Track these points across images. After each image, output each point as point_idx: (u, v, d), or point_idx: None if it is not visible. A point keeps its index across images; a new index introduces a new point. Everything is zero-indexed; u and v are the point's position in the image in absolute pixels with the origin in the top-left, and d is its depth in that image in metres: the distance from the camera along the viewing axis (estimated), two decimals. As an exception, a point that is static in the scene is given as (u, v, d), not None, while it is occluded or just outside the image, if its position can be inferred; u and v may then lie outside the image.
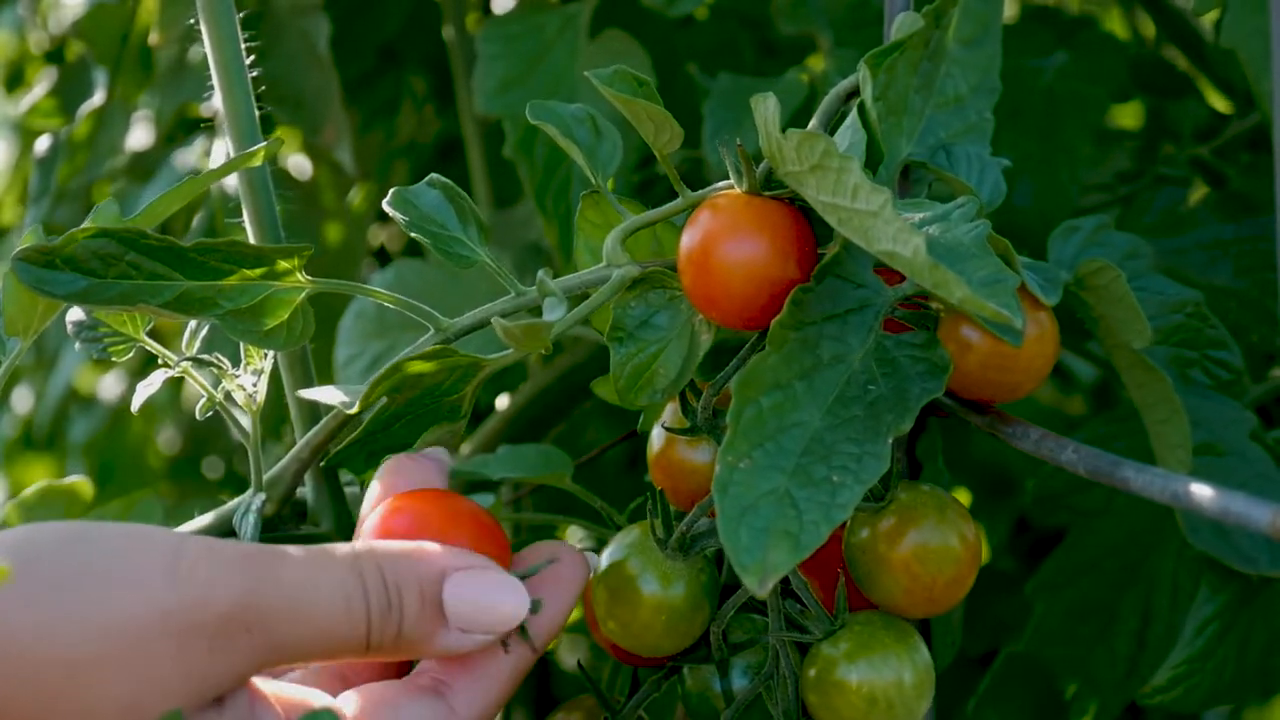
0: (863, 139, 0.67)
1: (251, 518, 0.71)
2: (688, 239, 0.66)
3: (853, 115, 0.68)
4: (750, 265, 0.64)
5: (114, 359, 0.73)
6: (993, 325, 0.64)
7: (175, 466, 1.65)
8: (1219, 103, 1.19)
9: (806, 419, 0.61)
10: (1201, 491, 0.57)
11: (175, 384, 1.63)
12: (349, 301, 1.11)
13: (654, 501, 0.68)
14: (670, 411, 0.72)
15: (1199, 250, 0.98)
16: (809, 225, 0.66)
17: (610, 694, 0.74)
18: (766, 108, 0.63)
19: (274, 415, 1.19)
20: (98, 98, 1.29)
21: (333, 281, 0.71)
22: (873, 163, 0.69)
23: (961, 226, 0.62)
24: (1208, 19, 1.14)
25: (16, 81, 1.55)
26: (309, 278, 0.69)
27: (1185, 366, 0.75)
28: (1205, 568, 0.84)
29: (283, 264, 0.68)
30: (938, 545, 0.66)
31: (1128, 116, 1.39)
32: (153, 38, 1.19)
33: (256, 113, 0.76)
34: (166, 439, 1.67)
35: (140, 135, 1.34)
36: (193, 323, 0.73)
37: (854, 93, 0.70)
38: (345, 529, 0.77)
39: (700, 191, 0.69)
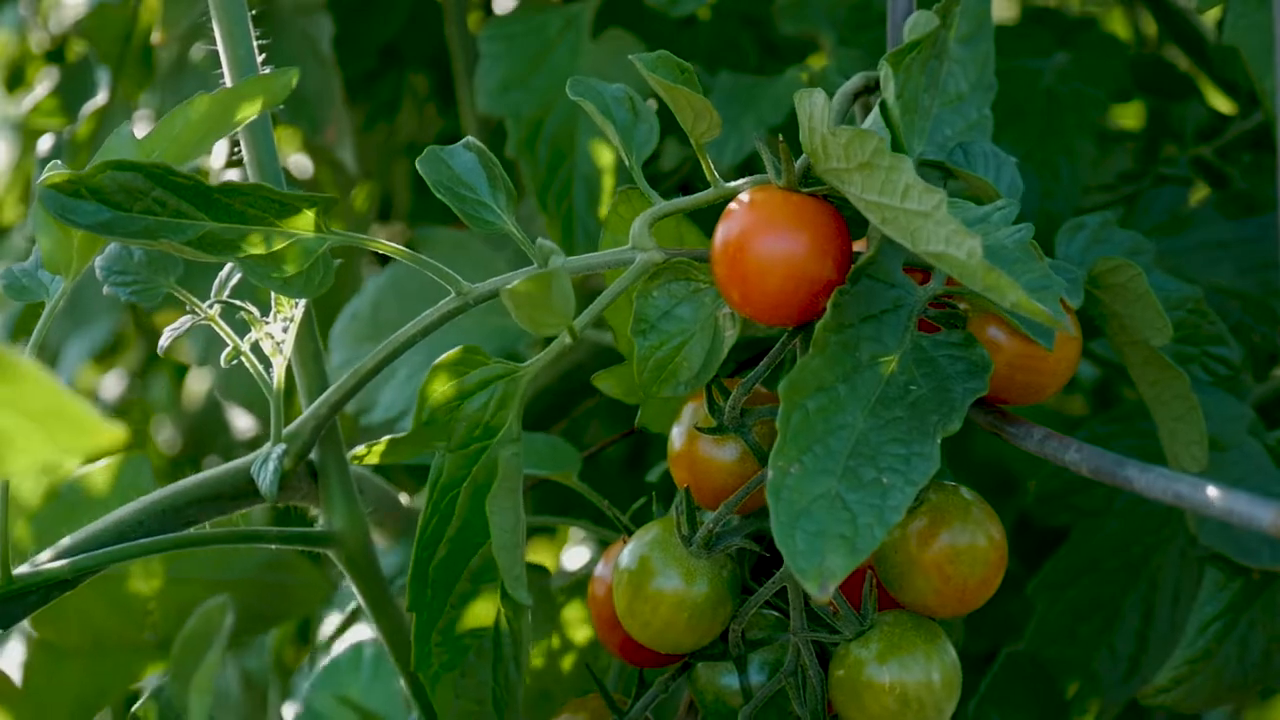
0: (886, 138, 0.67)
1: (271, 465, 0.71)
2: (724, 232, 0.65)
3: (874, 114, 0.67)
4: (789, 262, 0.64)
5: (141, 304, 0.73)
6: (1030, 329, 0.65)
7: (175, 466, 1.65)
8: (1221, 103, 1.19)
9: (851, 421, 0.61)
10: (1205, 491, 0.57)
11: (175, 383, 1.64)
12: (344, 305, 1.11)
13: (680, 499, 0.68)
14: (691, 410, 0.72)
15: (1201, 250, 0.98)
16: (845, 222, 0.66)
17: (614, 694, 0.74)
18: (813, 104, 0.62)
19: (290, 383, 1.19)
20: (101, 97, 1.29)
21: (355, 235, 0.70)
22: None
23: (1003, 230, 0.62)
24: (1210, 18, 1.14)
25: (17, 81, 1.54)
26: (332, 229, 0.69)
27: (1185, 362, 0.76)
28: (1207, 567, 0.84)
29: (307, 213, 0.68)
30: (970, 546, 0.66)
31: (1129, 117, 1.39)
32: (155, 37, 1.19)
33: (273, 137, 0.76)
34: (166, 439, 1.67)
35: (141, 134, 1.34)
36: (223, 272, 0.73)
37: (860, 92, 0.70)
38: (349, 506, 0.77)
39: (735, 183, 0.69)
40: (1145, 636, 0.93)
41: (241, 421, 1.46)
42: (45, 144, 1.30)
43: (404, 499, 1.00)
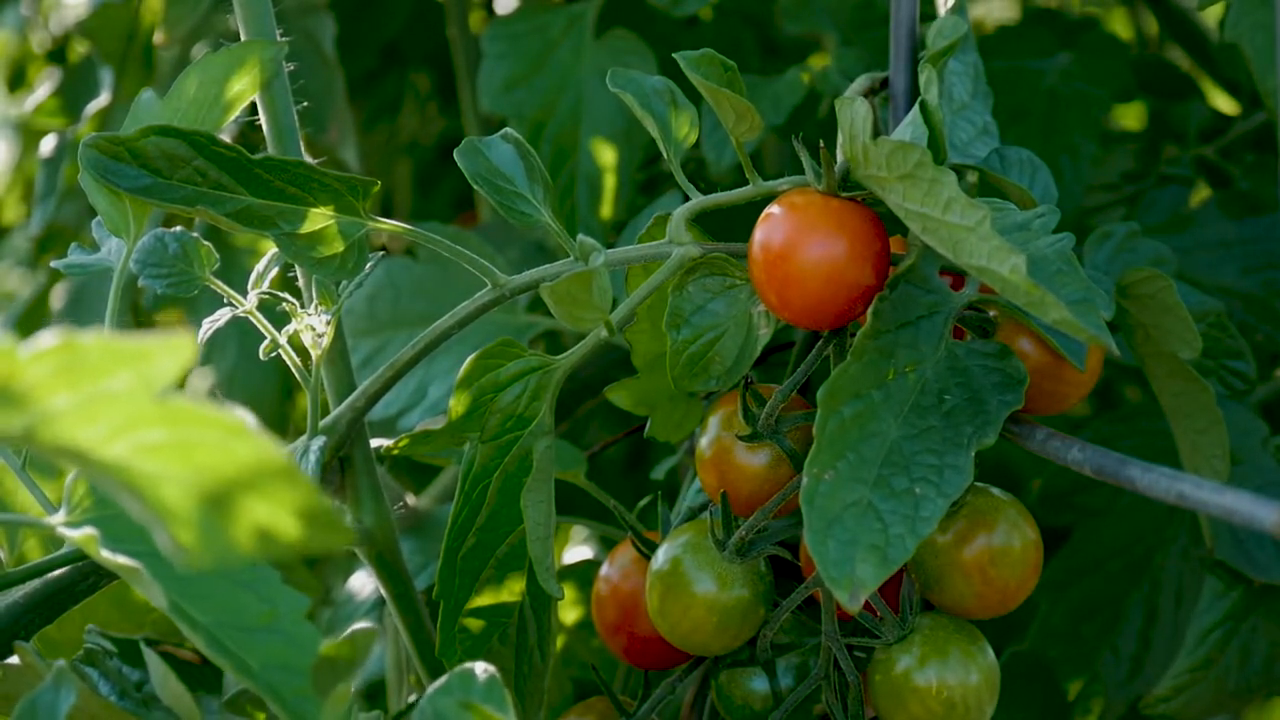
0: (924, 140, 0.67)
1: (312, 458, 0.70)
2: (764, 234, 0.65)
3: (912, 114, 0.67)
4: (830, 268, 0.64)
5: (178, 294, 0.72)
6: (1064, 344, 0.65)
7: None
8: (1223, 103, 1.19)
9: (884, 429, 0.61)
10: (1207, 491, 0.57)
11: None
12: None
13: (716, 504, 0.68)
14: (719, 418, 0.71)
15: (1203, 250, 0.98)
16: (884, 228, 0.66)
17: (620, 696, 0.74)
18: (855, 112, 0.62)
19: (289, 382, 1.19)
20: (104, 98, 1.29)
21: (392, 223, 0.70)
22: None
23: (1043, 238, 0.62)
24: (1212, 18, 1.14)
25: (19, 81, 1.54)
26: (371, 216, 0.69)
27: (1204, 375, 0.76)
28: (1207, 576, 0.84)
29: (346, 197, 0.68)
30: (1010, 548, 0.66)
31: (1131, 117, 1.39)
32: (158, 37, 1.19)
33: (294, 107, 0.76)
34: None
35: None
36: (261, 264, 0.72)
37: (866, 93, 0.70)
38: (377, 502, 0.77)
39: (773, 182, 0.69)
40: (1148, 637, 0.93)
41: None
42: (48, 144, 1.29)
43: (410, 499, 1.00)
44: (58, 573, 0.68)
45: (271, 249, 0.71)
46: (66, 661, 0.59)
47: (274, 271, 0.73)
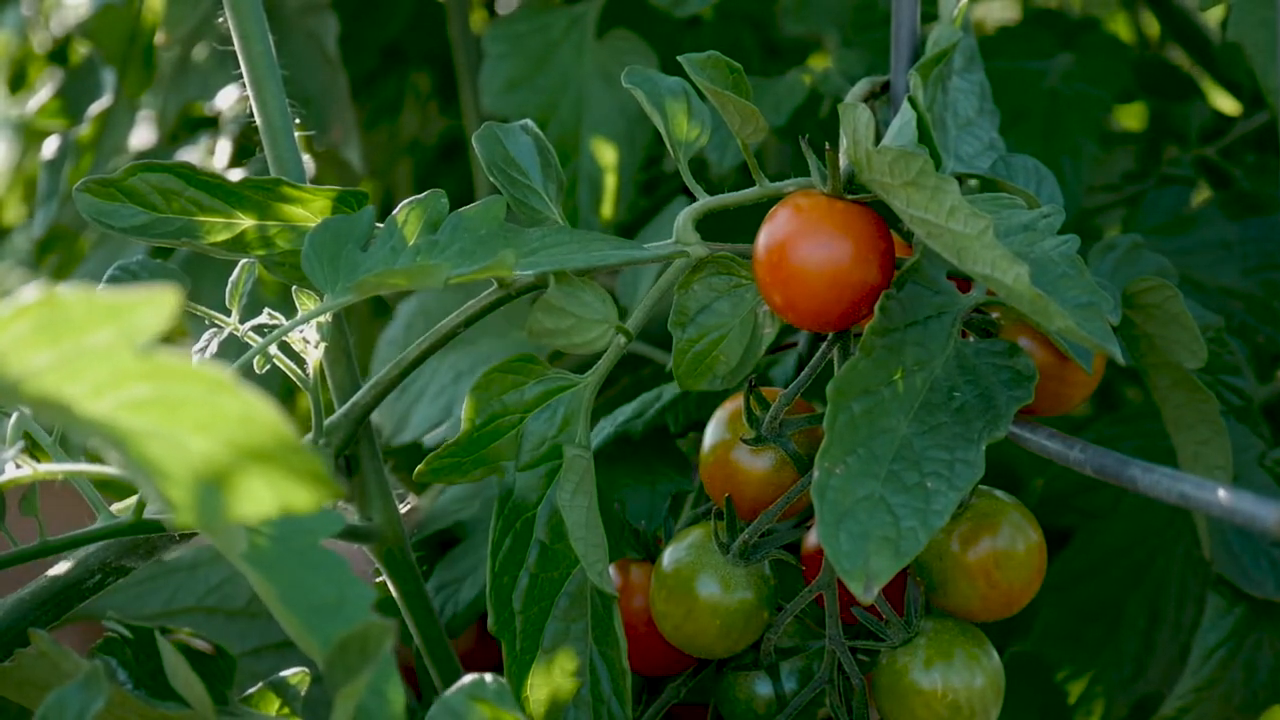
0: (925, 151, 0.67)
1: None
2: (768, 236, 0.66)
3: (900, 119, 0.67)
4: (836, 269, 0.64)
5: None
6: (1072, 348, 0.65)
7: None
8: (1224, 103, 1.19)
9: (895, 425, 0.61)
10: (1210, 491, 0.57)
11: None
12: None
13: (720, 507, 0.68)
14: (721, 420, 0.71)
15: (1204, 250, 0.98)
16: (888, 230, 0.66)
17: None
18: (858, 118, 0.62)
19: (287, 385, 1.18)
20: (106, 99, 1.29)
21: None
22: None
23: (1049, 240, 0.62)
24: (1213, 19, 1.14)
25: (19, 82, 1.55)
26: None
27: (1201, 390, 0.75)
28: (1209, 594, 0.84)
29: (342, 209, 0.68)
30: (1015, 551, 0.66)
31: (1132, 118, 1.39)
32: (159, 38, 1.19)
33: (288, 105, 0.76)
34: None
35: (143, 135, 1.34)
36: (232, 279, 0.71)
37: (867, 96, 0.70)
38: (385, 502, 0.77)
39: (779, 184, 0.69)
40: (1151, 639, 0.93)
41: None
42: (50, 146, 1.29)
43: (412, 499, 1.00)
44: (63, 569, 0.67)
45: (243, 259, 0.70)
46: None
47: (249, 285, 0.73)
